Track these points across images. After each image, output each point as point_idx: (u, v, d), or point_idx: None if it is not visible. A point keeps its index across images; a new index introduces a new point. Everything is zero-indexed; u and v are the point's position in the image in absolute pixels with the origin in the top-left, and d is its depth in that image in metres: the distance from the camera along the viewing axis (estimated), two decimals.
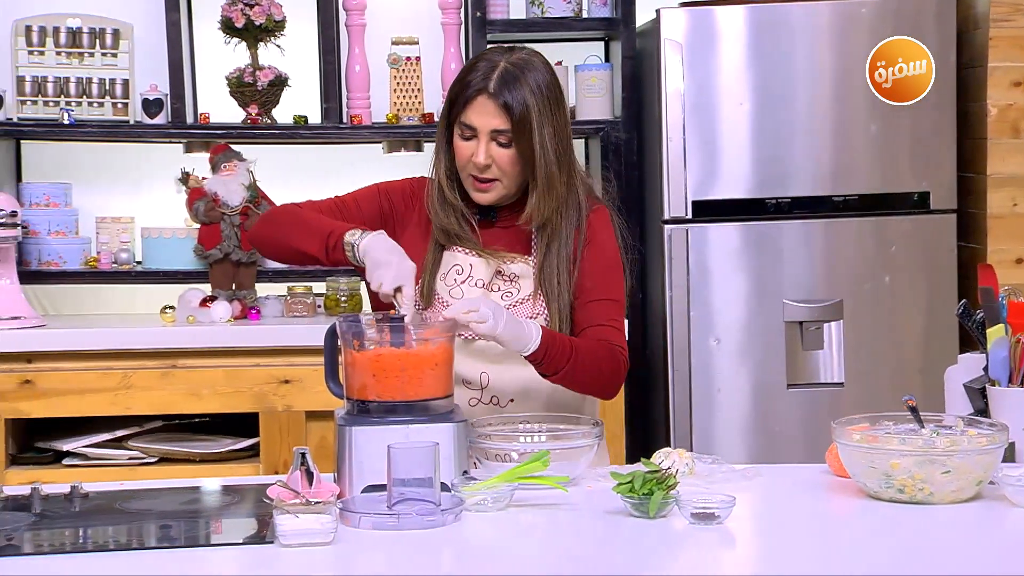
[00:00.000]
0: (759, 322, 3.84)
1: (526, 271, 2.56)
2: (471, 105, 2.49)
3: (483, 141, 2.49)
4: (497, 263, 2.56)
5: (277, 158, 4.22)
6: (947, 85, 3.85)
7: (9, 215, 3.82)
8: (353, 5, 4.08)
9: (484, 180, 2.52)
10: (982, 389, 2.44)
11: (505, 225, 2.59)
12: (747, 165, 3.84)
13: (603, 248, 2.58)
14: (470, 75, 2.51)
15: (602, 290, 2.55)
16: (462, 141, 2.52)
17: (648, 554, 2.00)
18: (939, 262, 3.88)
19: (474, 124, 2.49)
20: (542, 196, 2.51)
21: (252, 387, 3.76)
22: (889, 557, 1.97)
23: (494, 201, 2.56)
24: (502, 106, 2.47)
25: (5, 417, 3.72)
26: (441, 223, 2.56)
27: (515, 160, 2.50)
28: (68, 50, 4.06)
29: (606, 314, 2.53)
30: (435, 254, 2.57)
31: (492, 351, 2.49)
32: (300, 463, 2.08)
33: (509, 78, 2.48)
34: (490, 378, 2.53)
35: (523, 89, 2.47)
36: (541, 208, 2.52)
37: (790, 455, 3.78)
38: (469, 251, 2.57)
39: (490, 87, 2.47)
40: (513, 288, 2.55)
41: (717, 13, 3.83)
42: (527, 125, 2.47)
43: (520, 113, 2.47)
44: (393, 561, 1.99)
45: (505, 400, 2.54)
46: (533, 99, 2.47)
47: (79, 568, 1.95)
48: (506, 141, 2.49)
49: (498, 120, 2.48)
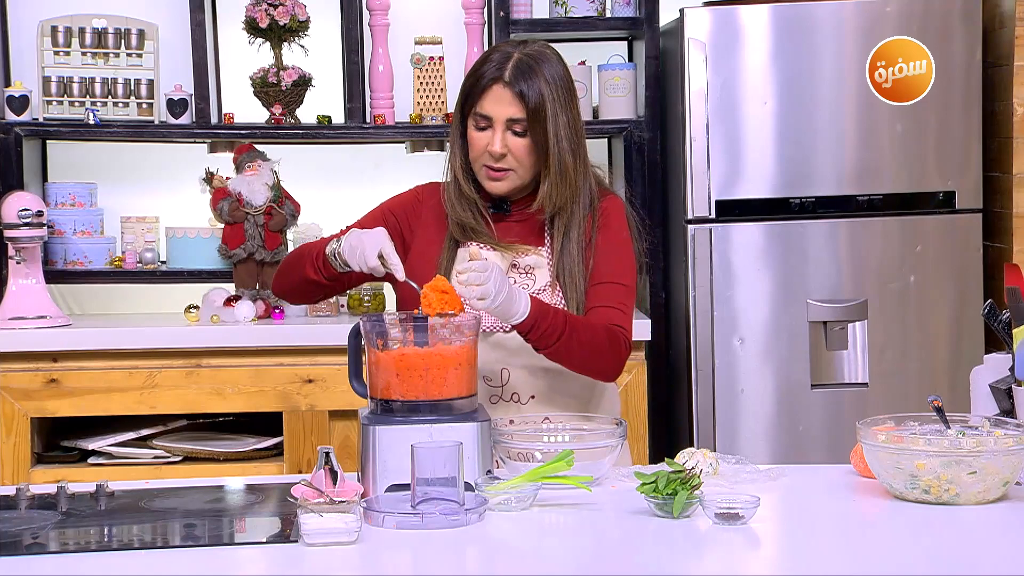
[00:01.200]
0: (783, 322, 3.83)
1: (540, 262, 2.57)
2: (486, 95, 2.51)
3: (498, 130, 2.51)
4: (512, 256, 2.57)
5: (301, 158, 4.23)
6: (972, 84, 3.83)
7: (35, 215, 3.84)
8: (377, 5, 4.09)
9: (498, 170, 2.53)
10: (1008, 389, 2.43)
11: (518, 218, 2.61)
12: (771, 164, 3.83)
13: (614, 234, 2.60)
14: (484, 66, 2.53)
15: (609, 273, 2.56)
16: (477, 132, 2.54)
17: (672, 554, 1.99)
18: (965, 262, 3.87)
19: (489, 113, 2.51)
20: (555, 184, 2.53)
21: (276, 386, 3.77)
22: (915, 558, 1.96)
23: (507, 191, 2.57)
24: (517, 95, 2.49)
25: (31, 416, 3.74)
26: (458, 217, 2.58)
27: (530, 149, 2.52)
28: (93, 50, 4.08)
29: (612, 296, 2.54)
30: (450, 251, 2.59)
31: (512, 344, 2.50)
32: (324, 462, 2.09)
33: (524, 68, 2.50)
34: (511, 375, 2.54)
35: (538, 79, 2.49)
36: (553, 196, 2.54)
37: (814, 455, 3.77)
38: (484, 245, 2.58)
39: (505, 76, 2.50)
40: (528, 280, 2.57)
41: (741, 12, 3.82)
42: (542, 114, 2.49)
43: (536, 102, 2.49)
44: (417, 560, 2.00)
45: (526, 397, 2.54)
46: (548, 89, 2.50)
47: (104, 566, 1.96)
48: (521, 130, 2.51)
49: (513, 108, 2.50)
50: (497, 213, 2.61)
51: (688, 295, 3.85)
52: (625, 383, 3.81)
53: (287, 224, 4.02)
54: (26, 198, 3.87)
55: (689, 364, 3.85)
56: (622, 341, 2.51)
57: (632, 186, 4.04)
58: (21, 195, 3.88)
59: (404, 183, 4.24)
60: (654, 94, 4.05)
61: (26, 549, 2.02)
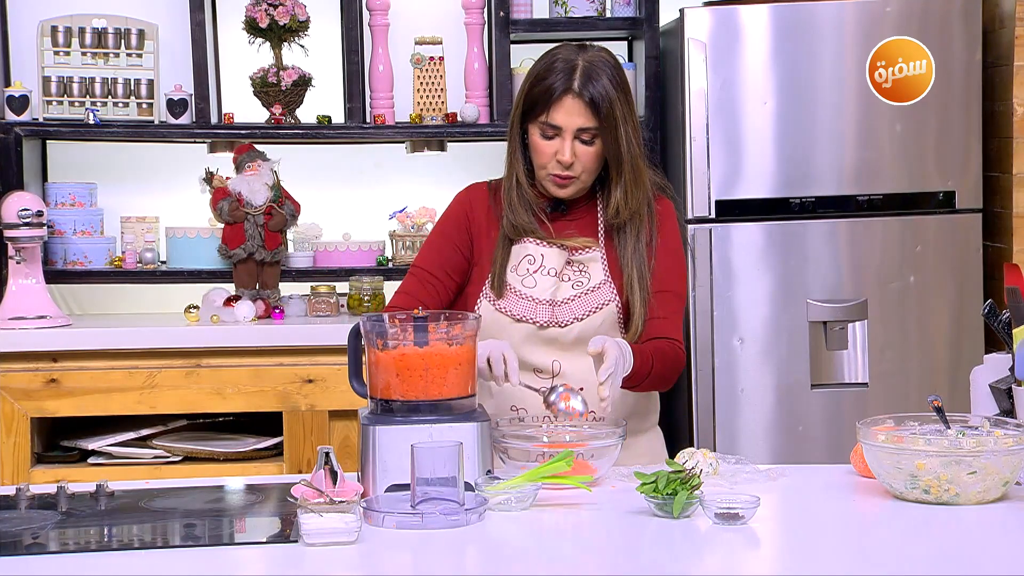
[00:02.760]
0: (783, 322, 3.83)
1: (595, 257, 2.61)
2: (557, 106, 2.53)
3: (568, 140, 2.54)
4: (568, 252, 2.60)
5: (301, 158, 4.23)
6: (972, 84, 3.83)
7: (35, 215, 3.84)
8: (376, 5, 4.09)
9: (566, 177, 2.57)
10: (1008, 389, 2.43)
11: (574, 217, 2.64)
12: (771, 164, 3.83)
13: (671, 239, 2.65)
14: (550, 76, 2.54)
15: (667, 281, 2.61)
16: (543, 140, 2.56)
17: (672, 554, 2.00)
18: (965, 262, 3.87)
19: (560, 124, 2.54)
20: (630, 189, 2.57)
21: (276, 386, 3.77)
22: (915, 558, 1.96)
23: (572, 195, 2.61)
24: (588, 104, 2.52)
25: (31, 416, 3.74)
26: (517, 220, 2.61)
27: (598, 156, 2.56)
28: (93, 50, 4.08)
29: (667, 307, 2.60)
30: (504, 249, 2.62)
31: (564, 339, 2.55)
32: (324, 462, 2.09)
33: (593, 76, 2.53)
34: (562, 366, 2.56)
35: (606, 88, 2.52)
36: (629, 201, 2.58)
37: (814, 455, 3.77)
38: (539, 241, 2.61)
39: (575, 86, 2.52)
40: (583, 277, 2.60)
41: (741, 12, 3.82)
42: (613, 121, 2.53)
43: (606, 110, 2.52)
44: (417, 560, 2.00)
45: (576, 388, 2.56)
46: (615, 95, 2.53)
47: (104, 566, 1.96)
48: (589, 138, 2.54)
49: (583, 119, 2.53)
50: (554, 212, 2.64)
51: (688, 295, 3.85)
52: None
53: (287, 224, 4.02)
54: (26, 198, 3.87)
55: (689, 364, 3.85)
56: (681, 356, 2.58)
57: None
58: (21, 195, 3.88)
59: (404, 183, 4.29)
60: (654, 94, 4.05)
61: (26, 549, 2.02)
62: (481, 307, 2.58)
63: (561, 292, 2.58)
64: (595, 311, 2.57)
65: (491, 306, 2.57)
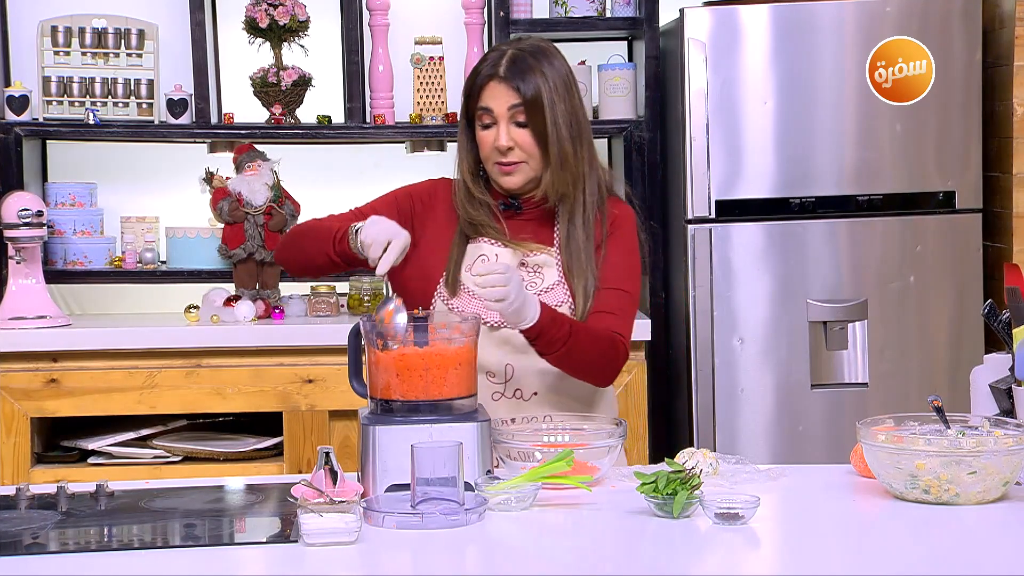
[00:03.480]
0: (783, 322, 3.83)
1: (549, 261, 2.59)
2: (485, 91, 2.56)
3: (503, 124, 2.54)
4: (522, 253, 2.59)
5: (301, 158, 4.23)
6: (972, 84, 3.83)
7: (35, 215, 3.84)
8: (376, 5, 4.09)
9: (509, 163, 2.56)
10: (1008, 389, 2.43)
11: (528, 216, 2.63)
12: (771, 164, 3.83)
13: (624, 241, 2.63)
14: (481, 66, 2.59)
15: (615, 279, 2.59)
16: (483, 131, 2.58)
17: (672, 554, 1.99)
18: (965, 262, 3.87)
19: (490, 106, 2.55)
20: (556, 171, 2.56)
21: (276, 386, 3.77)
22: (915, 558, 1.96)
23: (521, 184, 2.59)
24: (514, 88, 2.53)
25: (31, 416, 3.74)
26: (469, 216, 2.61)
27: (535, 139, 2.55)
28: (93, 50, 4.08)
29: (614, 302, 2.57)
30: (460, 246, 2.61)
31: (517, 340, 2.51)
32: (324, 462, 2.09)
33: (519, 61, 2.55)
34: (515, 370, 2.54)
35: (533, 71, 2.54)
36: (556, 183, 2.56)
37: (814, 455, 3.77)
38: (495, 241, 2.60)
39: (500, 71, 2.55)
40: (537, 278, 2.59)
41: (741, 12, 3.82)
42: (539, 102, 2.53)
43: (533, 91, 2.53)
44: (417, 560, 2.00)
45: (528, 393, 2.55)
46: (543, 79, 2.54)
47: (104, 566, 1.96)
48: (523, 119, 2.54)
49: (511, 99, 2.53)
50: (508, 211, 2.63)
51: (688, 295, 3.85)
52: (625, 383, 3.81)
53: (287, 224, 4.02)
54: (26, 198, 3.87)
55: (689, 364, 3.85)
56: (620, 349, 2.53)
57: (632, 186, 4.04)
58: (21, 195, 3.89)
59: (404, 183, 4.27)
60: (654, 94, 4.05)
61: (26, 549, 2.02)
62: (436, 306, 2.57)
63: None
64: None
65: (444, 305, 2.57)
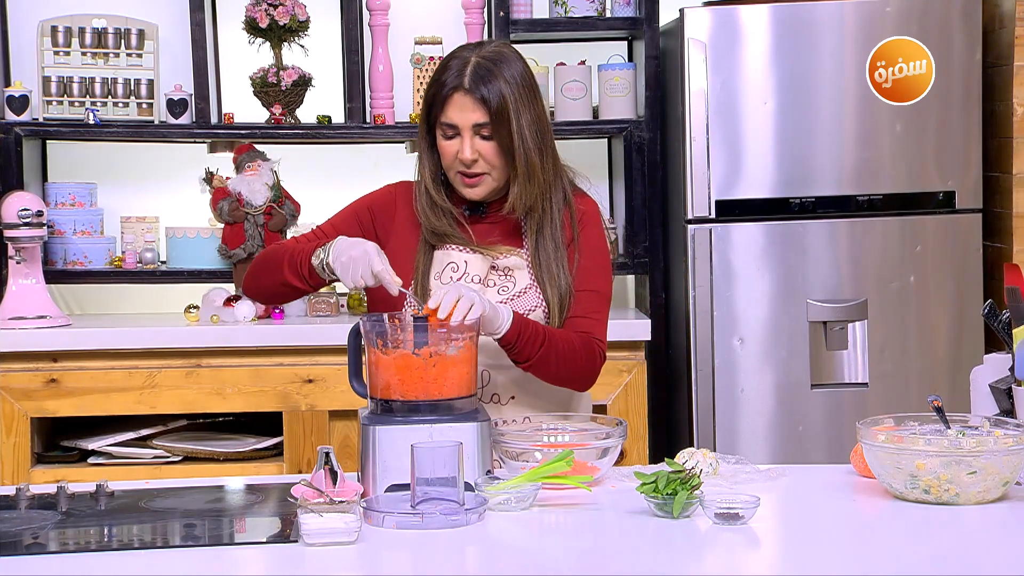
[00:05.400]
0: (783, 322, 3.83)
1: (520, 263, 2.57)
2: (449, 103, 2.51)
3: (467, 137, 2.51)
4: (491, 258, 2.56)
5: (301, 158, 4.23)
6: (972, 84, 3.83)
7: (35, 215, 3.84)
8: (376, 5, 4.09)
9: (472, 175, 2.53)
10: (1008, 389, 2.43)
11: (494, 220, 2.60)
12: (771, 164, 3.83)
13: (592, 240, 2.60)
14: (444, 75, 2.52)
15: (586, 281, 2.57)
16: (445, 141, 2.53)
17: (672, 554, 2.00)
18: (965, 262, 3.87)
19: (455, 122, 2.51)
20: (523, 184, 2.53)
21: (276, 386, 3.77)
22: (915, 558, 1.96)
23: (484, 195, 2.57)
24: (479, 100, 2.48)
25: (31, 416, 3.74)
26: (432, 226, 2.57)
27: (499, 151, 2.52)
28: (93, 50, 4.08)
29: (588, 306, 2.55)
30: (426, 254, 2.58)
31: (492, 346, 2.49)
32: (324, 462, 2.09)
33: (483, 71, 2.49)
34: (491, 376, 2.54)
35: (497, 81, 2.49)
36: (523, 196, 2.53)
37: (814, 455, 3.77)
38: (463, 248, 2.57)
39: (465, 83, 2.49)
40: (509, 282, 2.57)
41: (741, 12, 3.82)
42: (505, 115, 2.48)
43: (497, 104, 2.48)
44: (417, 560, 2.00)
45: (506, 398, 2.55)
46: (508, 89, 2.49)
47: (104, 566, 1.96)
48: (488, 134, 2.50)
49: (477, 114, 2.49)
50: (473, 215, 2.60)
51: (688, 295, 3.85)
52: (625, 383, 3.81)
53: (287, 224, 4.02)
54: (26, 198, 3.87)
55: (689, 364, 3.85)
56: (597, 353, 2.53)
57: (632, 186, 4.04)
58: (21, 195, 3.89)
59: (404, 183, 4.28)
60: (654, 94, 4.05)
61: (26, 549, 2.02)
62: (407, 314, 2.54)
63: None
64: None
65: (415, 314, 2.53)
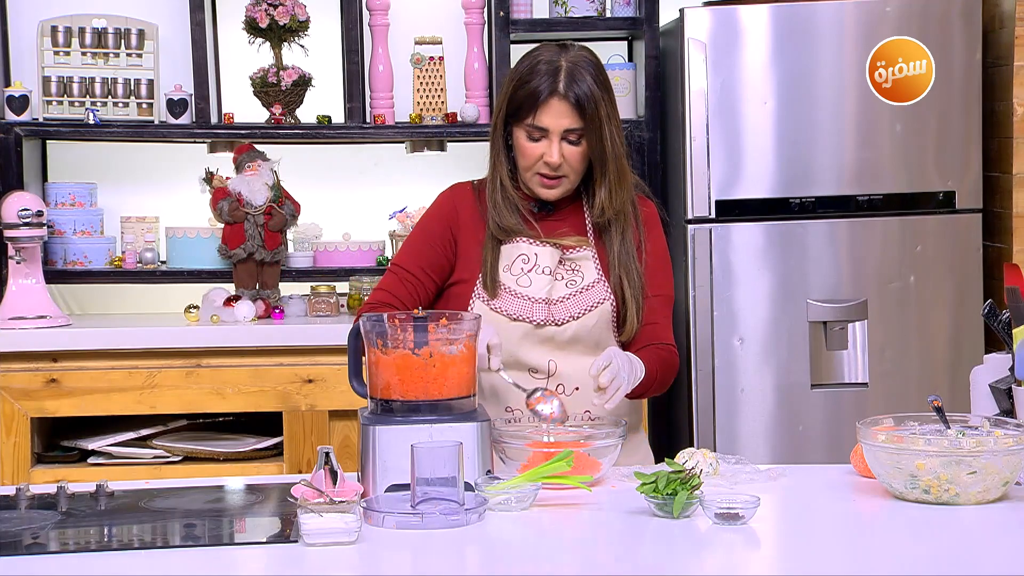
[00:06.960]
0: (783, 322, 3.83)
1: (586, 255, 2.62)
2: (544, 108, 2.53)
3: (555, 141, 2.54)
4: (560, 251, 2.61)
5: (301, 158, 4.23)
6: (972, 84, 3.83)
7: (35, 215, 3.84)
8: (376, 5, 4.09)
9: (553, 177, 2.57)
10: (1008, 389, 2.43)
11: (561, 217, 2.64)
12: (771, 164, 3.83)
13: (658, 243, 2.67)
14: (534, 79, 2.54)
15: (658, 285, 2.64)
16: (530, 142, 2.56)
17: (672, 554, 1.99)
18: (964, 262, 3.87)
19: (547, 126, 2.54)
20: (614, 188, 2.59)
21: (276, 386, 3.77)
22: (915, 558, 1.96)
23: (559, 196, 2.61)
24: (574, 105, 2.52)
25: (31, 416, 3.74)
26: (503, 222, 2.60)
27: (584, 156, 2.57)
28: (93, 50, 4.08)
29: (660, 311, 2.63)
30: (494, 250, 2.61)
31: (560, 338, 2.56)
32: (324, 462, 2.09)
33: (577, 76, 2.53)
34: (558, 366, 2.57)
35: (591, 88, 2.54)
36: (613, 200, 2.59)
37: (814, 455, 3.77)
38: (532, 240, 2.61)
39: (560, 88, 2.53)
40: (577, 276, 2.61)
41: (741, 12, 3.82)
42: (598, 121, 2.53)
43: (591, 111, 2.53)
44: (417, 560, 2.00)
45: (571, 388, 2.57)
46: (600, 95, 2.54)
47: (104, 566, 1.96)
48: (576, 139, 2.55)
49: (569, 120, 2.53)
50: (540, 212, 2.64)
51: (688, 295, 3.85)
52: None
53: (287, 224, 4.02)
54: (26, 198, 3.87)
55: (689, 364, 3.85)
56: (677, 362, 2.63)
57: None
58: (21, 195, 3.89)
59: (404, 183, 4.29)
60: (654, 94, 4.05)
61: (26, 549, 2.02)
62: (475, 307, 2.58)
63: (556, 291, 2.58)
64: (590, 310, 2.58)
65: (485, 306, 2.57)
